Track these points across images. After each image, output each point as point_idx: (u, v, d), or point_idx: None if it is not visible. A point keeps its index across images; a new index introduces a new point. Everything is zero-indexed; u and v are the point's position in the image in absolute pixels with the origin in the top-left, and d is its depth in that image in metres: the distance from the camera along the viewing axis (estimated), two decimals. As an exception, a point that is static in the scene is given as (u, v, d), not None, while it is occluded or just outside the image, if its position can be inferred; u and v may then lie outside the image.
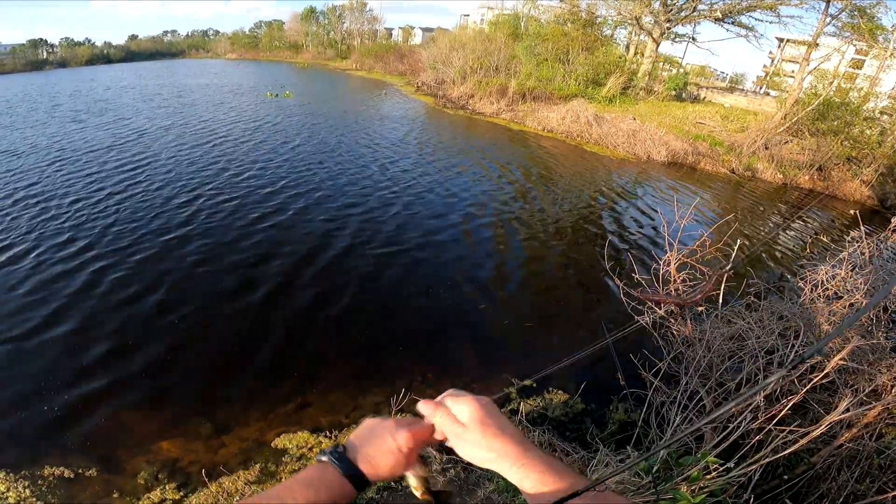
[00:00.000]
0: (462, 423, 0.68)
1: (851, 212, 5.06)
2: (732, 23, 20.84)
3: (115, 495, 3.03)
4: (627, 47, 24.63)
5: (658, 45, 22.44)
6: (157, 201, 7.72)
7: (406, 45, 38.35)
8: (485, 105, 19.56)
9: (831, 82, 13.79)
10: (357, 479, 0.68)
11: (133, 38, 61.18)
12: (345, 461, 0.68)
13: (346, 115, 16.76)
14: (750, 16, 20.14)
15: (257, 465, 3.26)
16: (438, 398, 0.74)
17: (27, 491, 3.00)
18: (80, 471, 3.15)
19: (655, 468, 2.54)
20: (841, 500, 2.49)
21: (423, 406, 0.73)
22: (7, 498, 2.94)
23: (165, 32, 69.04)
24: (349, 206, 8.04)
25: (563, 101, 18.02)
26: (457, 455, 0.70)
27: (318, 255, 6.26)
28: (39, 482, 3.07)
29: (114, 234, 6.47)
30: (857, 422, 2.53)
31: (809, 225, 9.71)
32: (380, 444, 0.70)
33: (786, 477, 2.64)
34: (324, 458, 0.69)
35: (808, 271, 4.46)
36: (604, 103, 19.22)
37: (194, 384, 4.04)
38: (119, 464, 3.25)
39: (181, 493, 3.05)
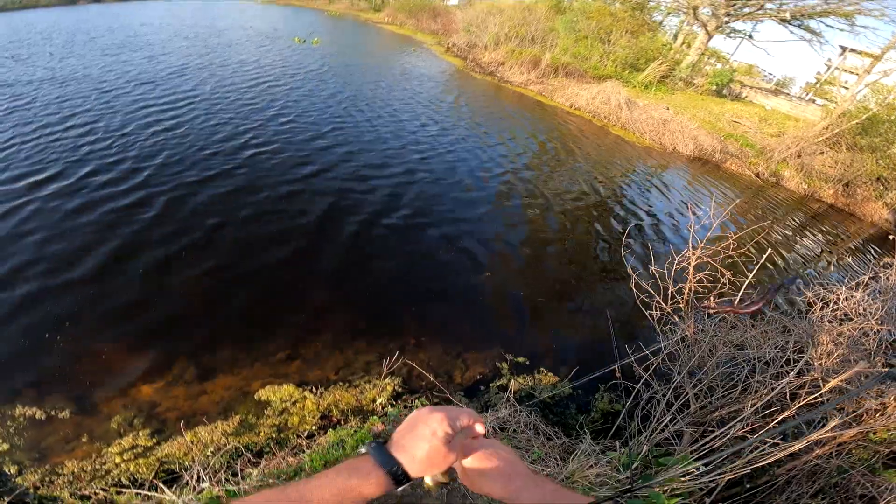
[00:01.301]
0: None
1: (891, 237, 4.85)
2: (799, 26, 19.51)
3: (84, 439, 2.91)
4: (675, 36, 23.39)
5: (710, 39, 21.21)
6: (185, 137, 7.62)
7: (442, 4, 36.81)
8: (514, 74, 18.88)
9: (885, 98, 13.06)
10: (393, 469, 0.66)
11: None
12: (381, 451, 0.68)
13: (372, 69, 16.29)
14: (821, 21, 18.83)
15: (237, 417, 3.16)
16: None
17: None
18: (53, 412, 3.02)
19: (635, 465, 2.53)
20: None
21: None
22: None
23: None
24: (374, 166, 7.88)
25: (596, 81, 17.34)
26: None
27: (329, 209, 6.16)
28: (9, 423, 2.93)
29: (132, 164, 6.44)
30: (832, 441, 2.51)
31: (825, 238, 9.44)
32: (416, 432, 0.69)
33: (748, 486, 2.64)
34: (363, 450, 0.69)
35: (823, 288, 4.33)
36: (639, 88, 18.45)
37: (185, 324, 3.95)
38: (95, 406, 3.13)
39: (154, 440, 2.95)
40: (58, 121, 7.63)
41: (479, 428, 0.74)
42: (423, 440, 0.68)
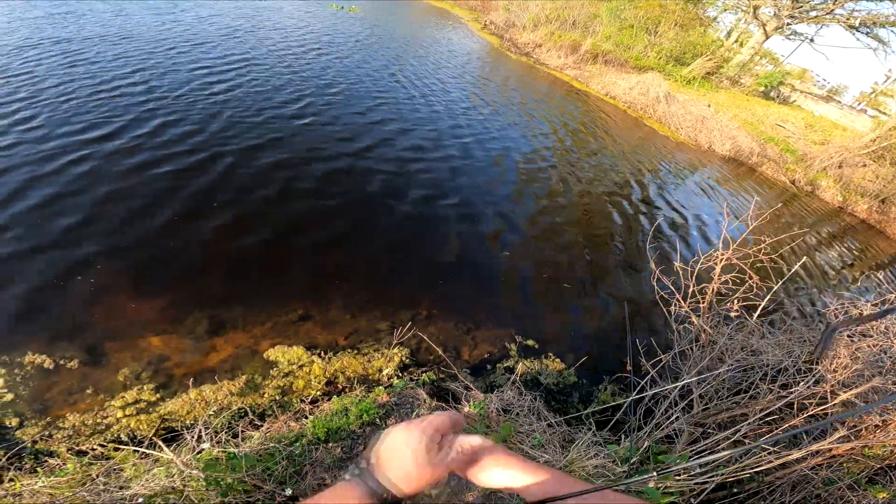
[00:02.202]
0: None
1: None
2: (867, 33, 18.32)
3: (89, 391, 2.86)
4: (729, 33, 22.25)
5: (766, 39, 20.11)
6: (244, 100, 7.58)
7: (483, -21, 35.77)
8: (551, 57, 18.38)
9: None
10: (383, 497, 0.64)
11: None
12: (367, 477, 0.66)
13: (413, 42, 16.07)
14: (891, 30, 17.68)
15: (244, 377, 3.14)
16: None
17: (0, 380, 2.81)
18: (61, 361, 2.96)
19: (633, 459, 2.57)
20: None
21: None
22: None
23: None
24: (402, 132, 7.86)
25: (636, 71, 16.75)
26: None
27: (368, 185, 6.10)
28: (16, 370, 2.87)
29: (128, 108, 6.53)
30: (826, 452, 2.51)
31: (852, 253, 9.11)
32: (397, 453, 0.67)
33: (735, 490, 2.66)
34: (347, 477, 0.67)
35: (846, 302, 4.21)
36: (681, 83, 17.78)
37: (204, 278, 3.93)
38: (105, 356, 3.08)
39: (158, 395, 2.91)
40: (120, 76, 7.60)
41: (473, 440, 0.72)
42: (404, 460, 0.66)
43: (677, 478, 2.46)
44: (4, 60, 7.55)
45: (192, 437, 2.38)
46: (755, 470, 2.22)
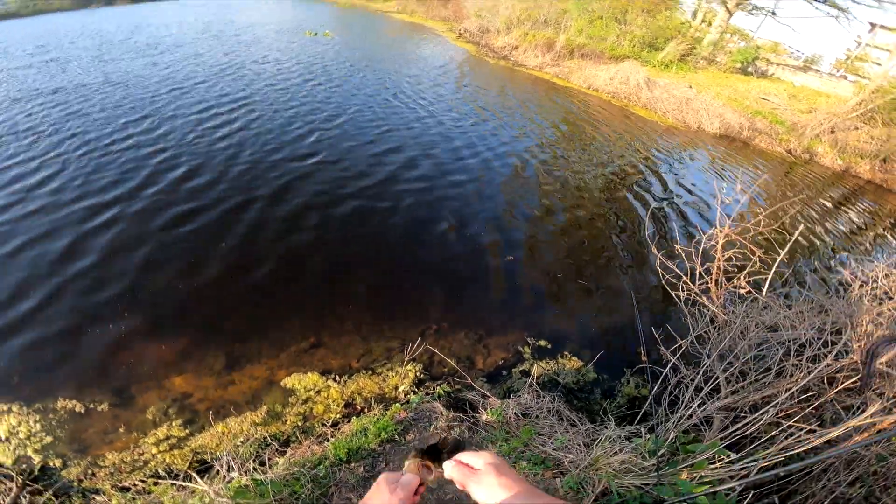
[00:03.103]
0: (477, 468, 0.74)
1: None
2: (824, 2, 18.45)
3: (122, 430, 3.03)
4: (694, 14, 22.42)
5: (731, 16, 20.26)
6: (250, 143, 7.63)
7: (453, -10, 36.30)
8: (528, 58, 18.52)
9: None
10: None
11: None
12: None
13: (388, 58, 16.18)
14: None
15: (265, 406, 3.26)
16: (456, 456, 0.79)
17: (38, 425, 2.99)
18: (91, 405, 3.15)
19: (661, 451, 2.45)
20: (827, 502, 2.38)
21: (445, 465, 0.79)
22: (18, 433, 2.95)
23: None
24: (390, 151, 7.85)
25: (613, 61, 16.85)
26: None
27: (343, 194, 6.19)
28: (51, 416, 3.06)
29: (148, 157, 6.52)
30: (871, 427, 2.38)
31: (862, 215, 9.00)
32: None
33: (781, 473, 2.53)
34: None
35: (860, 266, 4.11)
36: (658, 68, 17.83)
37: (215, 317, 4.04)
38: (132, 397, 3.25)
39: (187, 431, 3.05)
40: (132, 122, 7.76)
41: (469, 458, 0.78)
42: None
43: (711, 466, 2.35)
44: (6, 115, 7.59)
45: (222, 466, 2.55)
46: (797, 451, 2.09)
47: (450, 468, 0.75)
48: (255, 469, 2.61)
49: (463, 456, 0.76)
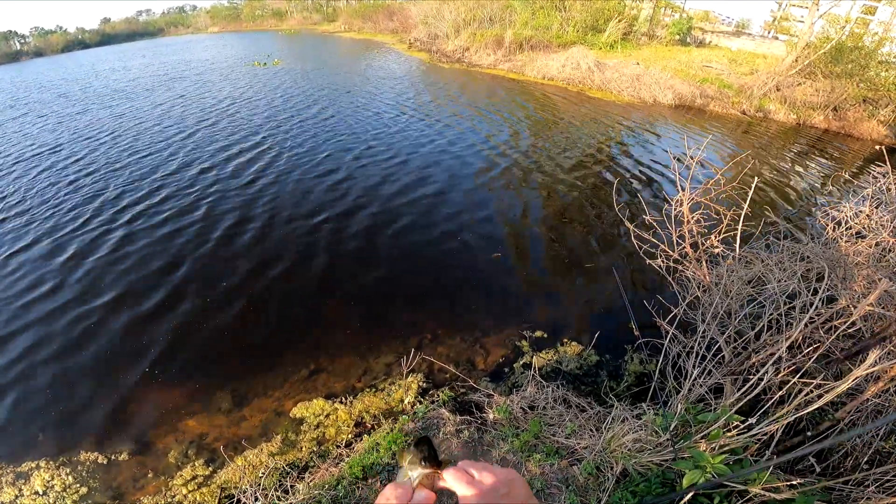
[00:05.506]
0: (477, 488, 0.62)
1: (878, 147, 4.70)
2: None
3: (150, 475, 3.10)
4: (627, -8, 23.15)
5: None
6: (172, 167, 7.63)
7: (395, 2, 36.45)
8: (481, 57, 18.75)
9: (843, 27, 13.27)
10: None
11: (106, 20, 57.99)
12: None
13: (340, 77, 16.10)
14: None
15: (278, 437, 3.26)
16: (460, 463, 0.69)
17: (70, 478, 3.07)
18: (112, 456, 3.21)
19: (673, 425, 2.41)
20: (866, 458, 2.37)
21: (446, 474, 0.66)
22: (54, 486, 3.02)
23: (139, 12, 64.67)
24: (356, 165, 7.81)
25: (561, 49, 17.18)
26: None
27: (317, 213, 6.18)
28: (79, 468, 3.13)
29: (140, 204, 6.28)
30: (884, 375, 2.35)
31: (827, 163, 9.35)
32: None
33: (809, 433, 2.51)
34: None
35: (831, 209, 4.22)
36: (605, 49, 18.28)
37: (215, 357, 4.00)
38: (150, 444, 3.30)
39: (210, 469, 3.11)
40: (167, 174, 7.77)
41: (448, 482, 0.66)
42: None
43: (728, 434, 2.30)
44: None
45: (248, 499, 2.66)
46: (813, 408, 2.06)
47: (451, 479, 0.64)
48: (278, 498, 2.67)
49: (467, 465, 0.66)
